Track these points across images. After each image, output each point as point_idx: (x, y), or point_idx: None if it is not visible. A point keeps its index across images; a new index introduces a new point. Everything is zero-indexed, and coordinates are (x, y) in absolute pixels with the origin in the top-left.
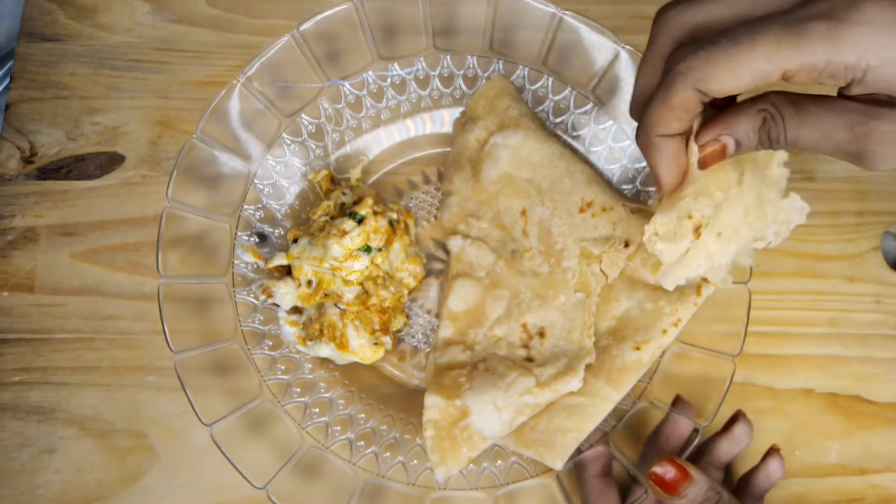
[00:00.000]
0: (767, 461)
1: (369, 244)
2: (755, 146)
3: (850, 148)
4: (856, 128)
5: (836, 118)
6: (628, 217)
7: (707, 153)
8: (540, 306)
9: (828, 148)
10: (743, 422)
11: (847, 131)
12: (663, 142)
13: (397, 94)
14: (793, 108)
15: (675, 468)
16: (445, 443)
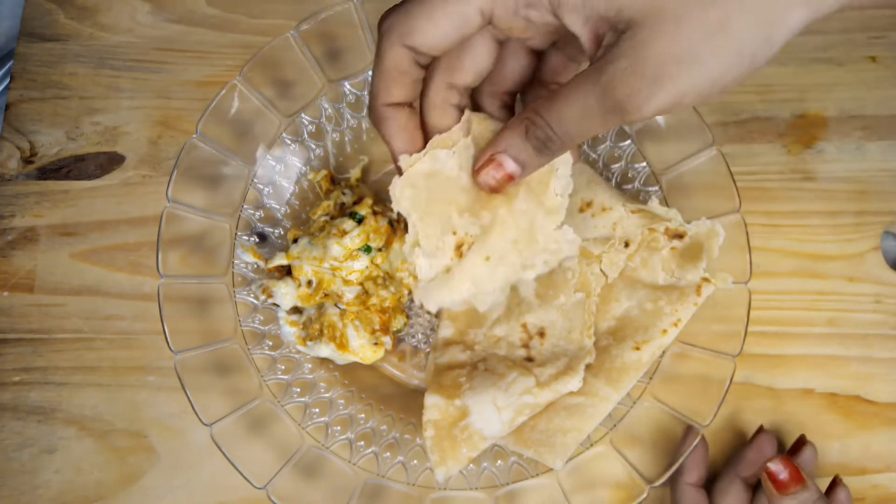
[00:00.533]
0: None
1: (369, 244)
2: (533, 156)
3: (607, 104)
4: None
5: (584, 87)
6: (628, 217)
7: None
8: (540, 306)
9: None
10: (809, 446)
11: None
12: (390, 111)
13: None
14: (548, 102)
15: (791, 469)
16: (445, 443)
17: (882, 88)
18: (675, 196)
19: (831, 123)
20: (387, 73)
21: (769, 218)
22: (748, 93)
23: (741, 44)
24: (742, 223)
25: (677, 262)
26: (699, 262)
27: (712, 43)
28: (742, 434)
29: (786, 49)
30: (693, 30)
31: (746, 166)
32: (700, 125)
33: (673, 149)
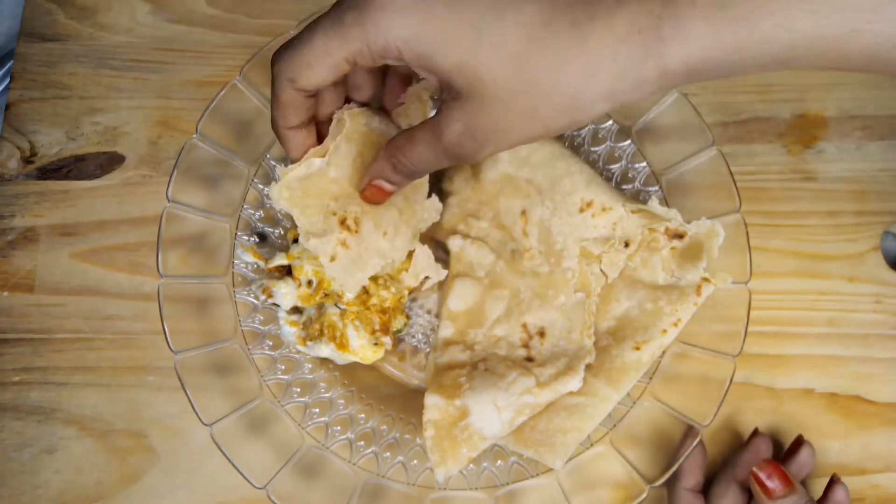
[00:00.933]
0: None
1: None
2: (403, 180)
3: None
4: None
5: (430, 139)
6: (628, 217)
7: (370, 194)
8: (540, 306)
9: (442, 162)
10: (806, 446)
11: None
12: (290, 133)
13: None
14: (408, 144)
15: (778, 472)
16: (445, 443)
17: (882, 88)
18: (675, 196)
19: (831, 123)
20: (282, 106)
21: (769, 218)
22: (748, 93)
23: (548, 124)
24: (742, 223)
25: (677, 262)
26: (699, 262)
27: (524, 123)
28: (741, 435)
29: None
30: (508, 112)
31: (746, 166)
32: (700, 125)
33: (673, 149)
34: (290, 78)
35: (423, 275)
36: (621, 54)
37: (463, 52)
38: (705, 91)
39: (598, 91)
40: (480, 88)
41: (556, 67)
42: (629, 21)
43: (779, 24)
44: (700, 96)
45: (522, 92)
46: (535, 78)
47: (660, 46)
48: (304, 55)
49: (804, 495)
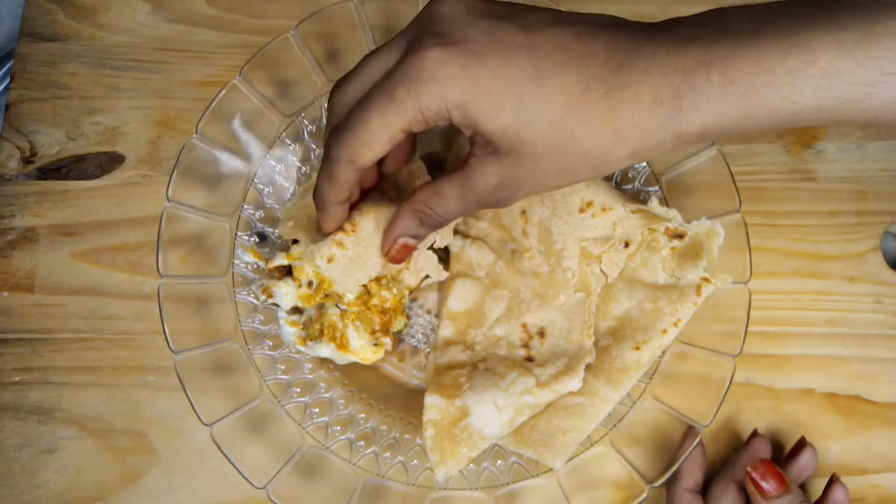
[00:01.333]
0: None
1: None
2: (427, 232)
3: (479, 203)
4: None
5: (461, 190)
6: (628, 217)
7: (398, 254)
8: (540, 306)
9: (472, 210)
10: (809, 448)
11: (470, 196)
12: (334, 207)
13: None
14: (436, 198)
15: (772, 472)
16: (445, 443)
17: None
18: (675, 196)
19: None
20: (338, 185)
21: (769, 218)
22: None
23: (578, 176)
24: (742, 223)
25: (677, 262)
26: (699, 262)
27: (558, 175)
28: (741, 435)
29: None
30: (545, 168)
31: (746, 166)
32: None
33: None
34: (351, 160)
35: (424, 273)
36: (647, 120)
37: (508, 115)
38: None
39: (625, 151)
40: (521, 147)
41: (591, 130)
42: (654, 92)
43: (784, 97)
44: None
45: (560, 152)
46: (573, 140)
47: (678, 115)
48: (363, 135)
49: (799, 495)
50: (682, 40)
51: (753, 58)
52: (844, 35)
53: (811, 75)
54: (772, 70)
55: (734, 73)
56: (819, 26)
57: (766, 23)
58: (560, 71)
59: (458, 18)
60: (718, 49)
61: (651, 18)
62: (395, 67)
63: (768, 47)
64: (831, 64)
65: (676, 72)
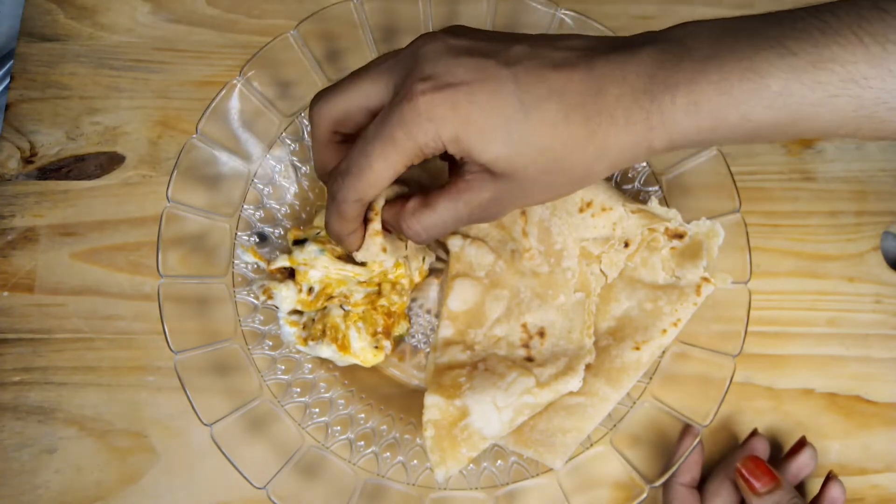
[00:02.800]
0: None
1: None
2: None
3: (475, 216)
4: (470, 205)
5: (454, 204)
6: (628, 217)
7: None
8: (540, 306)
9: (460, 225)
10: (808, 448)
11: (463, 211)
12: (350, 237)
13: None
14: (425, 210)
15: (761, 468)
16: (445, 443)
17: None
18: (675, 196)
19: None
20: (349, 220)
21: (769, 218)
22: None
23: (562, 191)
24: (742, 223)
25: (677, 262)
26: (699, 262)
27: (544, 192)
28: (740, 434)
29: None
30: (533, 187)
31: (746, 166)
32: None
33: None
34: (359, 200)
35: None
36: (622, 140)
37: (499, 146)
38: None
39: (604, 167)
40: (514, 172)
41: (573, 154)
42: (626, 115)
43: (742, 116)
44: None
45: (546, 173)
46: (558, 163)
47: (649, 133)
48: (368, 177)
49: (790, 492)
50: (649, 64)
51: (713, 80)
52: (794, 60)
53: (764, 97)
54: (730, 93)
55: (697, 96)
56: (771, 51)
57: (726, 46)
58: (542, 102)
59: (443, 58)
60: (681, 74)
61: (651, 18)
62: (391, 112)
63: (727, 69)
64: (783, 87)
65: (646, 96)
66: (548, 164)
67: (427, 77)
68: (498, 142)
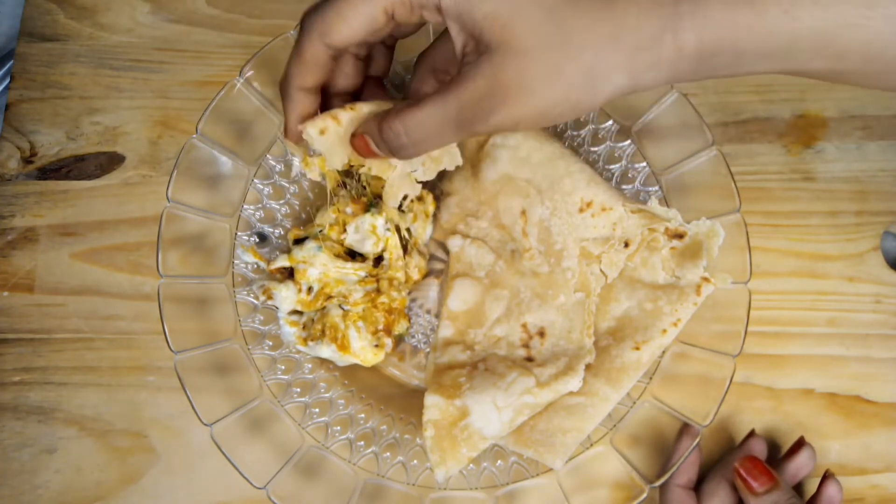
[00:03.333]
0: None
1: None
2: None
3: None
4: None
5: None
6: (628, 217)
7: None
8: (540, 306)
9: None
10: (807, 448)
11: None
12: (299, 94)
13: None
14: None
15: (759, 468)
16: (445, 443)
17: None
18: (675, 196)
19: (831, 123)
20: (304, 63)
21: (769, 218)
22: (748, 93)
23: (569, 88)
24: (742, 223)
25: (677, 262)
26: (699, 262)
27: (546, 80)
28: (739, 434)
29: None
30: (535, 65)
31: (746, 166)
32: (700, 125)
33: (673, 149)
34: (323, 31)
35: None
36: (642, 23)
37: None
38: (705, 91)
39: (618, 59)
40: (511, 39)
41: (584, 27)
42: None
43: (785, 12)
44: (700, 96)
45: (551, 46)
46: (566, 33)
47: (677, 21)
48: (340, 6)
49: (788, 492)
50: None
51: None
52: None
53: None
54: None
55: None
56: None
57: None
58: None
59: None
60: None
61: None
62: None
63: None
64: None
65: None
66: (552, 35)
67: None
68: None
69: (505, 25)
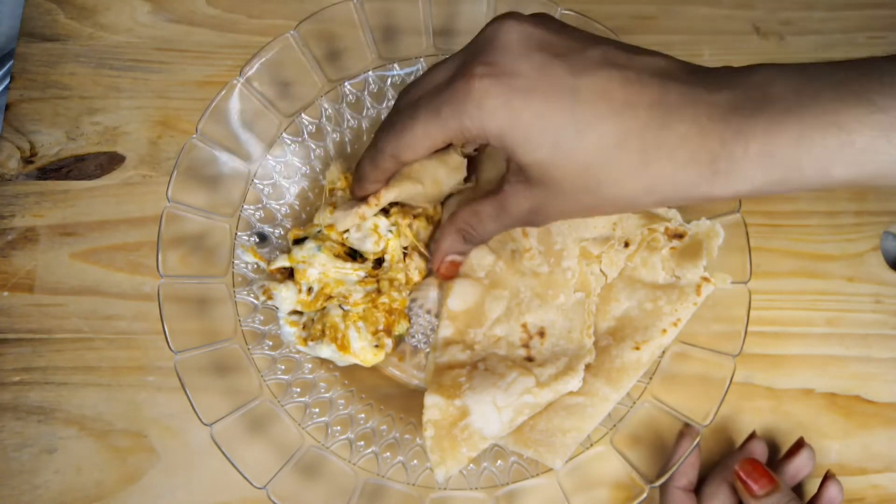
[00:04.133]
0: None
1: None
2: (469, 250)
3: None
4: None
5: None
6: (628, 217)
7: (446, 271)
8: (540, 306)
9: (509, 228)
10: (806, 449)
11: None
12: (371, 185)
13: None
14: (475, 218)
15: (759, 470)
16: (445, 442)
17: None
18: None
19: None
20: (379, 170)
21: (769, 218)
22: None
23: (603, 211)
24: (742, 223)
25: (677, 262)
26: (699, 262)
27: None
28: (739, 434)
29: (786, 49)
30: (573, 204)
31: None
32: None
33: None
34: (394, 155)
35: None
36: (679, 178)
37: (542, 154)
38: None
39: (652, 200)
40: (551, 184)
41: (620, 183)
42: (690, 155)
43: (821, 171)
44: None
45: (588, 193)
46: (600, 187)
47: (711, 178)
48: (407, 139)
49: (788, 494)
50: (723, 107)
51: (793, 134)
52: (881, 117)
53: (848, 153)
54: (811, 148)
55: (773, 148)
56: (857, 105)
57: (807, 98)
58: (598, 122)
59: (513, 47)
60: (759, 121)
61: (651, 18)
62: (446, 85)
63: (808, 123)
64: (868, 145)
65: (715, 140)
66: (589, 186)
67: (490, 62)
68: (543, 150)
69: (546, 174)
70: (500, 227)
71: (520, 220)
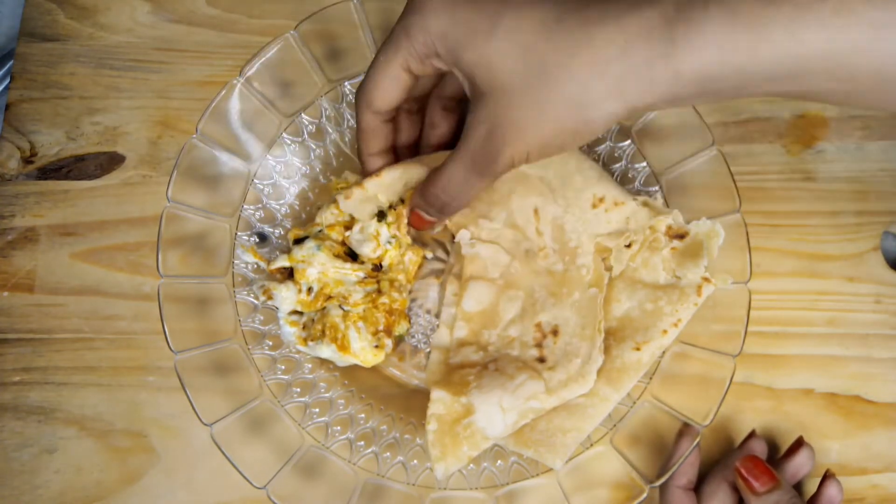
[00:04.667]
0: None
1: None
2: (438, 215)
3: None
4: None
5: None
6: (640, 210)
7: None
8: (554, 304)
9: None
10: (806, 448)
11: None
12: (371, 158)
13: None
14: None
15: (760, 468)
16: (447, 438)
17: None
18: (675, 196)
19: (831, 123)
20: (365, 133)
21: (769, 218)
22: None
23: (560, 120)
24: (742, 223)
25: (677, 262)
26: (699, 262)
27: (535, 116)
28: (739, 434)
29: None
30: (522, 104)
31: (746, 166)
32: (700, 125)
33: (673, 149)
34: (367, 102)
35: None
36: (629, 51)
37: (482, 43)
38: None
39: (606, 87)
40: (497, 80)
41: (562, 61)
42: (639, 22)
43: (792, 34)
44: None
45: (533, 82)
46: (544, 68)
47: (670, 48)
48: (372, 76)
49: (789, 492)
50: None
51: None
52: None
53: (819, 11)
54: (778, 4)
55: (735, 4)
56: None
57: None
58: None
59: None
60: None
61: None
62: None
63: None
64: (841, 2)
65: (669, 2)
66: (532, 72)
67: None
68: (480, 39)
69: (489, 67)
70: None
71: (478, 152)
